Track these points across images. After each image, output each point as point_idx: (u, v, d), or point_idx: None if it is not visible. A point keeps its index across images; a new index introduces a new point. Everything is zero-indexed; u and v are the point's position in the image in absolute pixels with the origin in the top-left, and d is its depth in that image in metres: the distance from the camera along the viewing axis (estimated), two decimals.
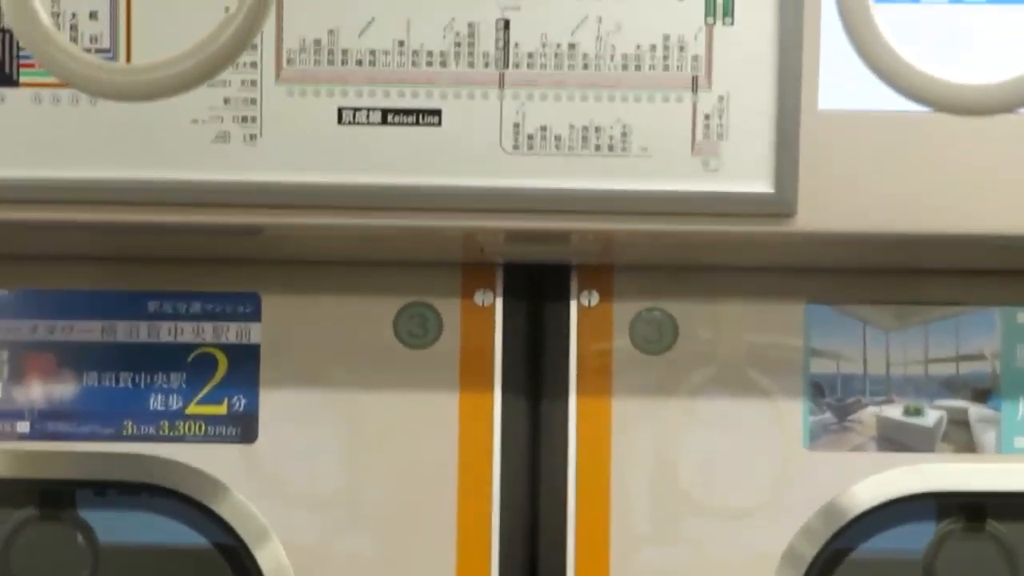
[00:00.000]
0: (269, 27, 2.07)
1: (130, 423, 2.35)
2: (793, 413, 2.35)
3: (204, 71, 1.86)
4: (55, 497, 2.45)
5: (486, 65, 2.11)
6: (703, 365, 2.36)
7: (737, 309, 2.36)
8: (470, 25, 2.10)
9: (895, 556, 2.47)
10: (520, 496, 2.34)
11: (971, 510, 2.44)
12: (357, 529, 2.35)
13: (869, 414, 2.35)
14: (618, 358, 2.35)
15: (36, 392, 2.36)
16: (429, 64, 2.11)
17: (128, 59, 2.10)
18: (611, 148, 2.12)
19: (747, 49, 2.11)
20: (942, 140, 2.11)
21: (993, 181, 2.14)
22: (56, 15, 2.05)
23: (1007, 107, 1.89)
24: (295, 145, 2.11)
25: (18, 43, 2.10)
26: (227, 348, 2.36)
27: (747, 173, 2.12)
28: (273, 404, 2.35)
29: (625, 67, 2.11)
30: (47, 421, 2.35)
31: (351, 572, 2.35)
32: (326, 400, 2.35)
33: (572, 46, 2.10)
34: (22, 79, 2.13)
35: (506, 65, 2.11)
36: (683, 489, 2.35)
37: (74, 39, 2.07)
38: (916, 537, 2.47)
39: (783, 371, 2.36)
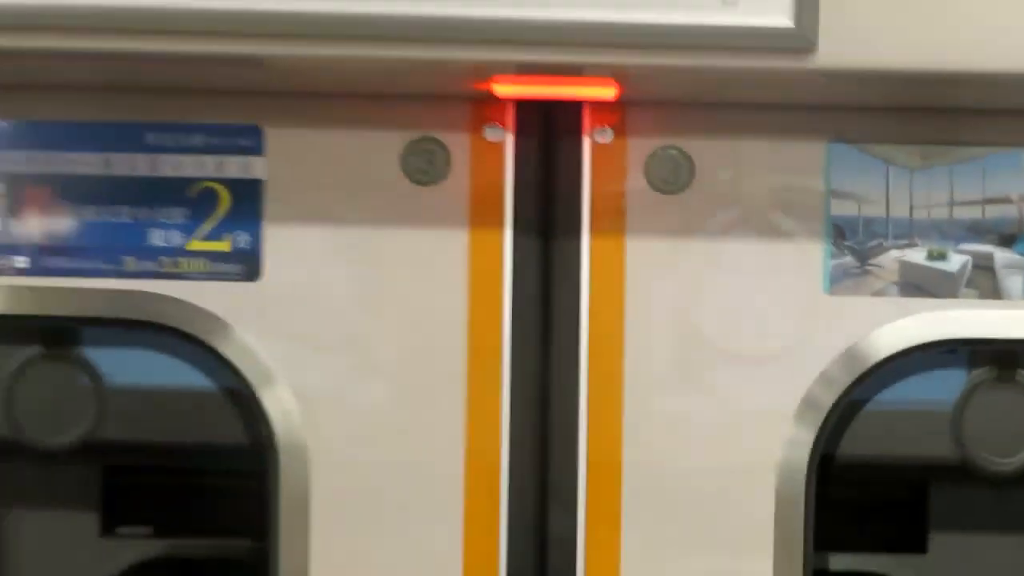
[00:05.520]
0: None
1: (131, 260, 2.38)
2: (813, 256, 2.39)
3: None
4: (58, 335, 2.49)
5: None
6: (720, 206, 2.40)
7: (756, 148, 2.39)
8: None
9: (915, 407, 2.50)
10: (531, 340, 2.38)
11: (1001, 358, 2.47)
12: (365, 372, 2.39)
13: (891, 258, 2.39)
14: (632, 197, 2.39)
15: (34, 227, 2.39)
16: None
17: None
18: None
19: None
20: None
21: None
22: None
23: None
24: None
25: None
26: (229, 183, 2.40)
27: (766, 6, 2.14)
28: (277, 241, 2.39)
29: None
30: (46, 256, 2.39)
31: (360, 417, 2.39)
32: (332, 238, 2.40)
33: None
34: None
35: None
36: (699, 334, 2.39)
37: None
38: (937, 387, 2.49)
39: (803, 213, 2.40)
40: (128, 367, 2.55)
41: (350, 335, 2.40)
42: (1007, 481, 2.51)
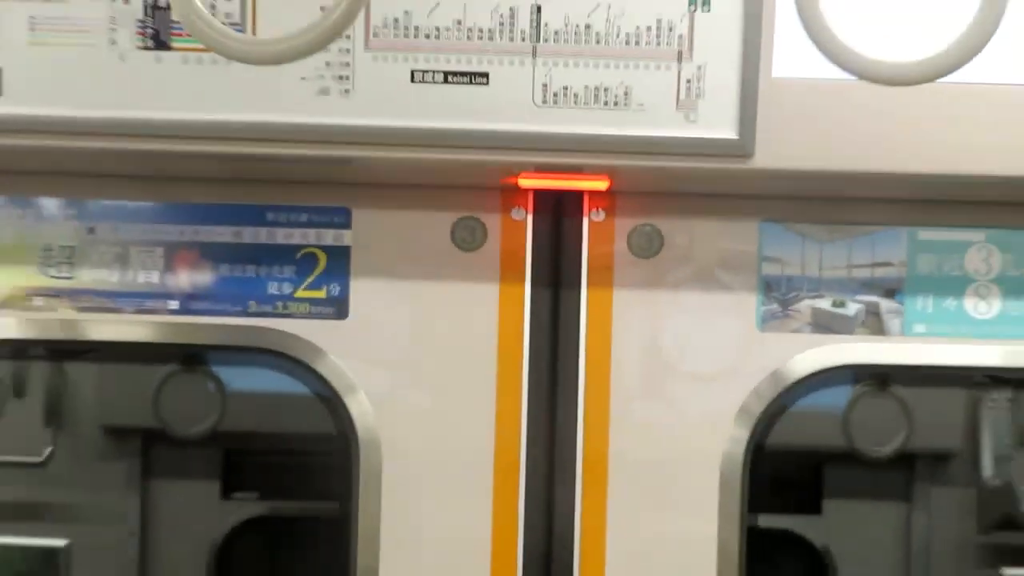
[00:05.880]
0: (361, 13, 2.03)
1: (253, 303, 2.37)
2: (749, 303, 2.37)
3: (316, 44, 1.89)
4: (195, 357, 2.50)
5: (523, 40, 2.15)
6: (682, 267, 2.38)
7: (708, 225, 2.37)
8: (511, 9, 2.14)
9: (821, 411, 2.50)
10: (543, 365, 2.36)
11: (880, 378, 2.48)
12: (421, 385, 2.36)
13: (806, 305, 2.37)
14: (618, 261, 2.37)
15: (183, 279, 2.37)
16: (480, 38, 2.15)
17: (253, 31, 2.13)
18: (616, 104, 2.16)
19: (719, 30, 2.15)
20: (867, 101, 2.14)
21: (904, 133, 2.16)
22: None
23: (920, 80, 1.91)
24: (378, 98, 2.16)
25: (171, 16, 2.14)
26: (326, 248, 2.37)
27: (718, 124, 2.16)
28: (360, 291, 2.37)
29: (627, 43, 2.15)
30: (191, 301, 2.37)
31: (416, 417, 2.37)
32: (399, 289, 2.37)
33: (588, 26, 2.15)
34: (174, 44, 2.16)
35: (538, 40, 2.15)
36: (665, 360, 2.37)
37: (213, 15, 2.02)
38: (838, 398, 2.50)
39: (742, 272, 2.38)
40: (246, 379, 2.55)
41: (411, 359, 2.37)
42: (879, 464, 2.52)
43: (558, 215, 2.38)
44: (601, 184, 2.32)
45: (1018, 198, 2.31)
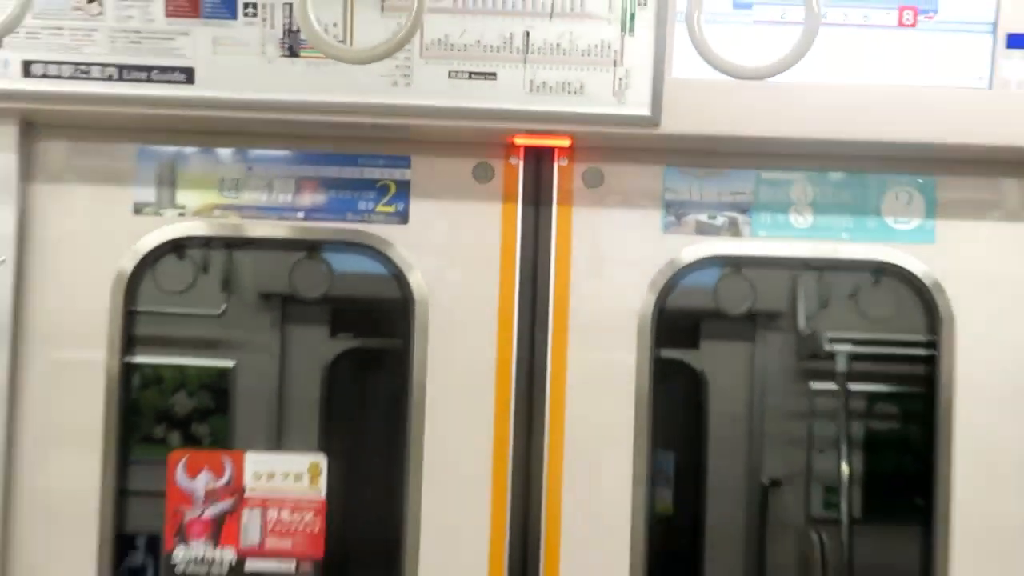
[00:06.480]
0: (417, 34, 2.24)
1: (350, 214, 2.44)
2: (655, 216, 2.44)
3: (390, 51, 2.06)
4: (313, 248, 2.56)
5: (518, 52, 2.27)
6: (616, 194, 2.44)
7: (632, 168, 2.44)
8: (511, 34, 2.26)
9: (700, 285, 2.51)
10: (529, 255, 2.42)
11: (736, 264, 2.50)
12: (453, 266, 2.40)
13: (692, 218, 2.44)
14: (576, 192, 2.43)
15: (306, 199, 2.43)
16: (491, 51, 2.26)
17: (351, 44, 2.24)
18: (575, 92, 2.28)
19: (640, 48, 2.27)
20: (732, 91, 2.24)
21: (756, 111, 2.26)
22: (320, 21, 2.11)
23: (764, 76, 2.02)
24: (429, 88, 2.27)
25: (300, 36, 2.25)
26: (395, 181, 2.44)
27: (638, 105, 2.28)
28: (416, 206, 2.43)
29: (583, 55, 2.27)
30: (312, 212, 2.44)
31: (450, 286, 2.40)
32: (440, 206, 2.43)
33: (558, 44, 2.27)
34: (302, 53, 2.28)
35: (527, 52, 2.27)
36: (604, 251, 2.43)
37: (326, 31, 2.17)
38: (710, 277, 2.55)
39: (652, 197, 2.44)
40: (346, 263, 2.61)
41: (447, 250, 2.42)
42: (736, 318, 2.58)
43: (539, 161, 2.43)
44: (565, 142, 2.39)
45: (823, 152, 2.41)
